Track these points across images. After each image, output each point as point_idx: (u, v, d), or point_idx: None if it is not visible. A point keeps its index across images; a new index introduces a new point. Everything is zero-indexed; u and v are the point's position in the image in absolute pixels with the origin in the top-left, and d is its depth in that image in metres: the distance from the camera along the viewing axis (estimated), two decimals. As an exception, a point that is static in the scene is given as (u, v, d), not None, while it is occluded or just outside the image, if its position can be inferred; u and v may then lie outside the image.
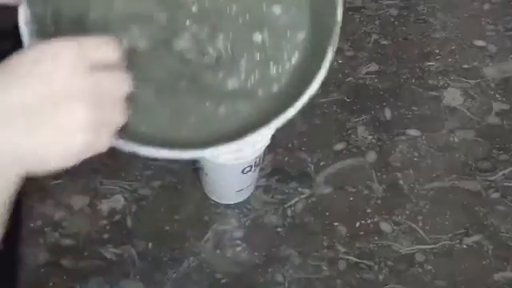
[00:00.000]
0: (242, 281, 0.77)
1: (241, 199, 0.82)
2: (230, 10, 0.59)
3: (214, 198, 0.82)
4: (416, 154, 0.87)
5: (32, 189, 0.82)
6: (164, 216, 0.81)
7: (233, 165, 0.74)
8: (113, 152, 0.77)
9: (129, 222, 0.80)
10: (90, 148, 0.51)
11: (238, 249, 0.79)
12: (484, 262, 0.80)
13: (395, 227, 0.82)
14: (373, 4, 1.00)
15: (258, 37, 0.59)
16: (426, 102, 0.92)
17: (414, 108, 0.91)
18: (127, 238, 0.79)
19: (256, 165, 0.76)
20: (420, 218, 0.82)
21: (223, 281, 0.77)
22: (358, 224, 0.82)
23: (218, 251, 0.79)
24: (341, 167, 0.86)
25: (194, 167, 0.82)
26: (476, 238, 0.81)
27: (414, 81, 0.93)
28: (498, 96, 0.93)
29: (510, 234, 0.82)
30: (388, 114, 0.90)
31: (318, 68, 0.56)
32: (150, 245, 0.79)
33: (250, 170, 0.76)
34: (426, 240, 0.81)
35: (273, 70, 0.59)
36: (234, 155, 0.72)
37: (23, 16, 0.58)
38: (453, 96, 0.92)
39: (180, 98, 0.56)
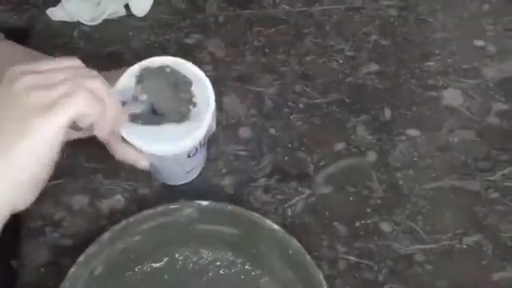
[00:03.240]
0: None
1: (191, 179, 0.83)
2: None
3: (162, 181, 0.82)
4: (416, 153, 0.87)
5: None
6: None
7: (175, 155, 0.73)
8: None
9: (129, 222, 0.80)
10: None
11: (238, 249, 0.79)
12: (484, 262, 0.80)
13: (395, 227, 0.82)
14: (372, 4, 1.00)
15: None
16: (425, 102, 0.92)
17: (413, 108, 0.91)
18: (127, 238, 0.79)
19: (201, 145, 0.75)
20: (420, 217, 0.83)
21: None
22: (357, 224, 0.82)
23: (217, 251, 0.79)
24: (340, 167, 0.86)
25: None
26: (476, 237, 0.82)
27: (413, 81, 0.93)
28: (497, 96, 0.93)
29: (509, 233, 0.82)
30: (388, 114, 0.90)
31: None
32: (150, 245, 0.79)
33: (195, 153, 0.75)
34: (425, 240, 0.81)
35: None
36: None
37: None
38: (452, 96, 0.92)
39: None
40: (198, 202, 0.76)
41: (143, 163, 0.74)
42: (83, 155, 0.85)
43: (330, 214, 0.83)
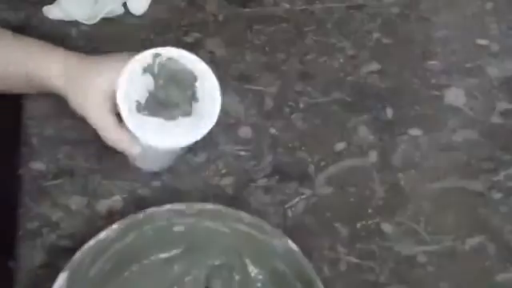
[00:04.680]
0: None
1: (167, 166, 0.83)
2: None
3: (140, 167, 0.82)
4: (418, 153, 0.87)
5: (29, 189, 0.82)
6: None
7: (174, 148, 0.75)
8: (111, 152, 0.76)
9: (127, 223, 0.80)
10: None
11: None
12: (487, 264, 0.80)
13: (397, 228, 0.81)
14: (374, 2, 1.00)
15: None
16: (427, 101, 0.91)
17: (415, 107, 0.91)
18: (125, 239, 0.79)
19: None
20: (422, 218, 0.82)
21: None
22: (359, 225, 0.81)
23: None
24: (342, 167, 0.85)
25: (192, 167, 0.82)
26: (479, 239, 0.81)
27: (415, 80, 0.93)
28: (500, 95, 0.92)
29: (513, 234, 0.82)
30: (389, 113, 0.90)
31: None
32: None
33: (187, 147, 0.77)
34: (427, 241, 0.80)
35: None
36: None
37: None
38: (455, 95, 0.92)
39: None
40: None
41: (135, 151, 0.75)
42: (81, 156, 0.84)
43: (331, 214, 0.82)
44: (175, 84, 0.73)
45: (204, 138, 0.75)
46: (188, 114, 0.73)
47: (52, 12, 0.94)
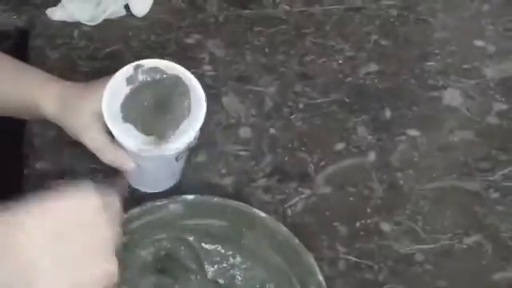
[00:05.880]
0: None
1: (169, 186, 0.81)
2: None
3: (140, 188, 0.81)
4: (416, 153, 0.87)
5: (32, 189, 0.82)
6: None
7: (165, 156, 0.73)
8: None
9: (129, 222, 0.80)
10: None
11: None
12: (484, 262, 0.80)
13: (395, 227, 0.82)
14: (373, 4, 1.00)
15: None
16: (425, 102, 0.92)
17: (413, 108, 0.91)
18: (127, 238, 0.79)
19: (189, 148, 0.74)
20: (420, 217, 0.83)
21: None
22: (358, 224, 0.82)
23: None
24: (341, 167, 0.86)
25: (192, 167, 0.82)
26: (476, 237, 0.82)
27: (413, 81, 0.94)
28: (497, 96, 0.93)
29: (509, 233, 0.82)
30: (388, 114, 0.90)
31: None
32: (151, 245, 0.79)
33: (182, 157, 0.75)
34: (425, 240, 0.81)
35: None
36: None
37: None
38: (452, 96, 0.92)
39: None
40: (183, 196, 0.75)
41: (129, 168, 0.75)
42: (83, 156, 0.84)
43: (331, 214, 0.83)
44: (162, 89, 0.72)
45: (204, 139, 0.75)
46: (186, 115, 0.71)
47: (55, 14, 0.94)
